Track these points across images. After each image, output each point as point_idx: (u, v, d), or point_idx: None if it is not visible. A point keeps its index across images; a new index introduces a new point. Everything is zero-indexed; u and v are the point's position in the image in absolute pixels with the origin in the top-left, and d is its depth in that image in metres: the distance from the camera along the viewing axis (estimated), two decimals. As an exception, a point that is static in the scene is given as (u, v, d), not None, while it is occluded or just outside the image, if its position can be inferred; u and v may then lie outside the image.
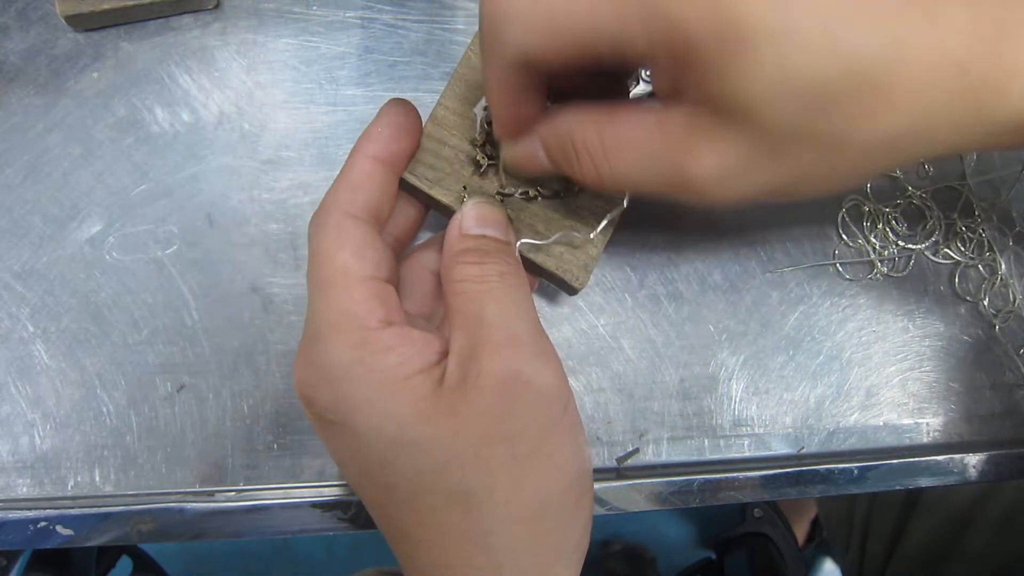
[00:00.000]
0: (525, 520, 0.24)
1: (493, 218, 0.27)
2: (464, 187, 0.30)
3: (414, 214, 0.31)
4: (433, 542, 0.24)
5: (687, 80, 0.20)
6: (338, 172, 0.27)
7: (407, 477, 0.23)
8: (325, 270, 0.24)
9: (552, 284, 0.34)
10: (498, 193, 0.31)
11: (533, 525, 0.24)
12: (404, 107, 0.27)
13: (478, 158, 0.30)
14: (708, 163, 0.21)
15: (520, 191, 0.30)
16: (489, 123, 0.29)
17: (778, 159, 0.21)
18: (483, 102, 0.29)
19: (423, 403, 0.23)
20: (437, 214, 0.31)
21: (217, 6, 0.37)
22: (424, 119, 0.29)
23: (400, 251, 0.31)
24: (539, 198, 0.31)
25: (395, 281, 0.27)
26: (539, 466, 0.24)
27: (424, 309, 0.30)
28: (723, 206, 0.22)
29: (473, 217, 0.27)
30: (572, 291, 0.34)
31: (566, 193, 0.30)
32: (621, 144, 0.22)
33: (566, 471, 0.25)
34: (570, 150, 0.23)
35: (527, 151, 0.25)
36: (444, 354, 0.25)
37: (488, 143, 0.30)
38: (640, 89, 0.30)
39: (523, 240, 0.29)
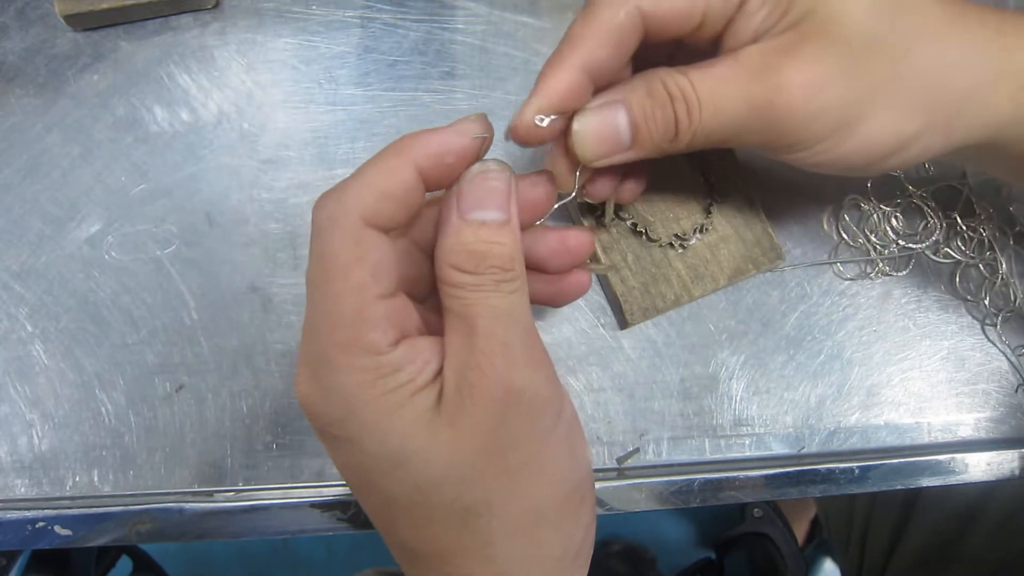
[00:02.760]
0: (523, 531, 0.24)
1: (496, 193, 0.24)
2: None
3: None
4: (433, 554, 0.24)
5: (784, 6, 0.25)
6: (359, 166, 0.23)
7: (407, 491, 0.23)
8: (337, 283, 0.22)
9: (610, 302, 0.37)
10: (616, 216, 0.35)
11: (531, 534, 0.24)
12: (480, 125, 0.24)
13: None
14: (797, 76, 0.25)
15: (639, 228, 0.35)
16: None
17: (856, 68, 0.25)
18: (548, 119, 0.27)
19: (426, 416, 0.23)
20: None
21: (216, 6, 0.37)
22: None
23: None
24: (645, 237, 0.35)
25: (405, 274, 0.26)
26: (532, 477, 0.24)
27: (422, 288, 0.28)
28: (803, 129, 0.26)
29: (473, 196, 0.24)
30: (621, 322, 0.35)
31: (682, 249, 0.35)
32: (714, 80, 0.26)
33: (561, 480, 0.25)
34: (663, 97, 0.26)
35: (606, 119, 0.27)
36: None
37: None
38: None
39: (594, 263, 0.34)
